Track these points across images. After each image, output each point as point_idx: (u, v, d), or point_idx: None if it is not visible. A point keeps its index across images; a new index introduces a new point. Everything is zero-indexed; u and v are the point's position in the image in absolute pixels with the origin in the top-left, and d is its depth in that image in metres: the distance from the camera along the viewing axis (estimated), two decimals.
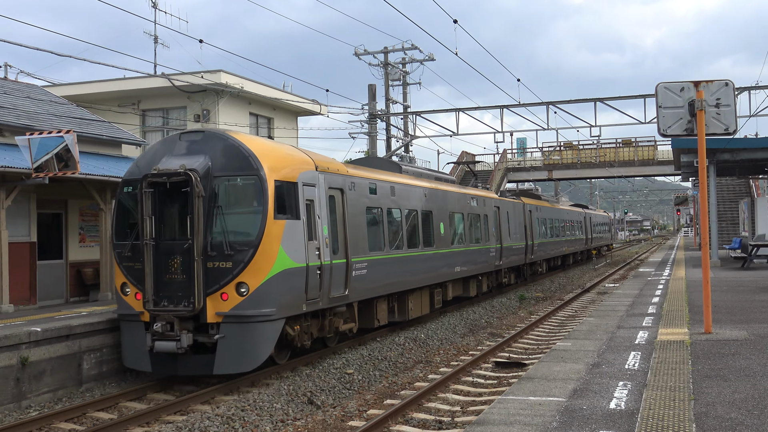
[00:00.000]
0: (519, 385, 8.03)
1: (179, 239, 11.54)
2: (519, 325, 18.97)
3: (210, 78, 26.93)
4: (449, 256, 19.68)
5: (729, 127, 11.03)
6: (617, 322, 12.94)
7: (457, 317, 19.81)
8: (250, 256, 11.19)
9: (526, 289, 28.56)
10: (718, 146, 25.79)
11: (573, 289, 28.54)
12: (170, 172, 11.45)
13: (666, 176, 60.36)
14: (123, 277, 11.92)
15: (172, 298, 11.43)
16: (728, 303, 15.06)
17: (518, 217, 28.24)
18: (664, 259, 36.08)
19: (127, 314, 11.87)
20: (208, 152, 11.71)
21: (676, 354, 9.44)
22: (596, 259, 44.79)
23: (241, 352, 11.19)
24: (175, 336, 11.24)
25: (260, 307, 11.25)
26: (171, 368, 11.60)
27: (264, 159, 11.70)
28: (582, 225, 45.46)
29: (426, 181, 19.05)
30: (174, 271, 11.46)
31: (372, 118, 32.80)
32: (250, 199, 11.50)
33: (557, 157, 52.56)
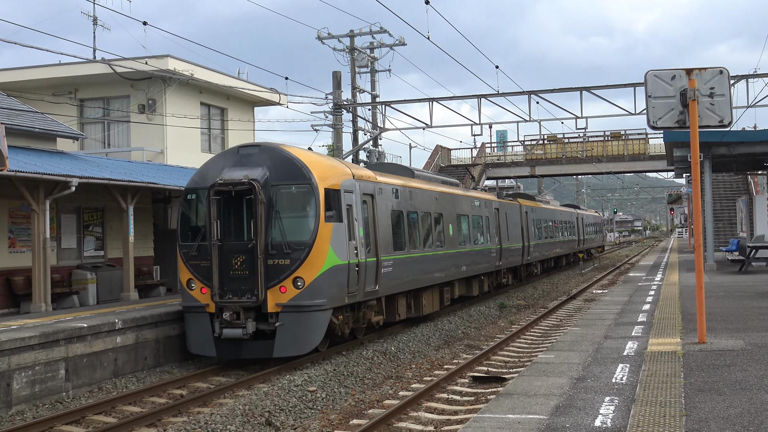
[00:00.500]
0: (497, 402, 8.08)
1: (242, 240, 14.67)
2: (498, 336, 19.09)
3: (156, 64, 26.70)
4: (457, 257, 22.86)
5: (724, 119, 11.20)
6: (604, 331, 13.07)
7: (431, 328, 19.88)
8: (305, 254, 14.41)
9: (507, 296, 28.76)
10: (714, 139, 26.19)
11: (558, 296, 28.80)
12: (235, 181, 14.57)
13: (658, 172, 61.08)
14: (189, 274, 15.00)
15: (236, 291, 14.57)
16: (724, 310, 15.29)
17: (515, 219, 31.60)
18: (656, 263, 36.53)
19: (193, 306, 14.98)
20: (265, 164, 14.86)
21: (667, 366, 9.56)
22: (583, 263, 45.24)
23: (297, 338, 14.39)
24: (241, 324, 14.38)
25: (314, 298, 14.44)
26: (235, 352, 14.75)
27: (314, 169, 14.89)
28: (574, 226, 48.62)
29: (436, 185, 22.40)
30: (237, 268, 14.58)
31: (337, 108, 32.78)
32: (304, 204, 14.69)
33: (540, 152, 53.00)
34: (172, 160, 27.30)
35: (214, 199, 14.72)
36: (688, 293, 18.54)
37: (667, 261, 37.68)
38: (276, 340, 14.47)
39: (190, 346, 15.20)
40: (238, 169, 14.93)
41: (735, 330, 12.48)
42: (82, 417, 11.89)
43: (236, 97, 31.10)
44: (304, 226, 14.62)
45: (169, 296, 21.72)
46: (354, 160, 35.59)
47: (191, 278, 15.03)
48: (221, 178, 14.78)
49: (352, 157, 35.48)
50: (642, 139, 52.51)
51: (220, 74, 29.77)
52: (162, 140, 27.47)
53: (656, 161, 51.34)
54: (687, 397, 7.89)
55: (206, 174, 15.37)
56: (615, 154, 52.55)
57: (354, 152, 35.02)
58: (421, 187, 20.60)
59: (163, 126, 27.22)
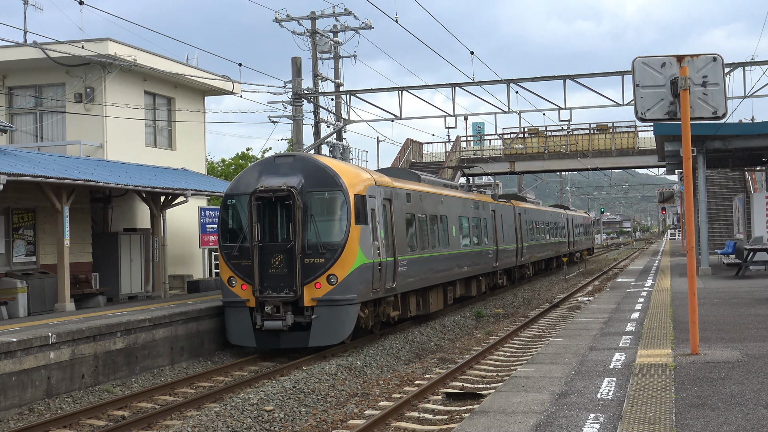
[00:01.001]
0: (471, 421, 8.11)
1: (280, 241, 17.83)
2: (475, 348, 19.16)
3: (94, 48, 26.45)
4: (459, 257, 25.90)
5: (717, 110, 11.33)
6: (589, 342, 13.18)
7: (400, 340, 19.92)
8: (338, 254, 17.56)
9: (484, 304, 28.90)
10: (708, 133, 26.51)
11: (540, 304, 28.98)
12: (275, 188, 17.75)
13: (648, 168, 61.75)
14: (230, 272, 18.04)
15: (275, 287, 17.66)
16: (719, 318, 15.48)
17: (509, 220, 34.61)
18: (647, 267, 36.90)
19: (234, 301, 17.99)
20: (300, 172, 18.01)
21: (657, 380, 9.66)
22: (567, 267, 45.65)
23: (331, 329, 17.54)
24: (281, 317, 17.47)
25: (346, 293, 17.54)
26: (274, 343, 17.86)
27: (344, 177, 18.08)
28: (564, 227, 51.53)
29: (440, 189, 25.61)
30: (276, 266, 17.68)
31: (297, 98, 32.70)
32: (336, 209, 17.89)
33: (520, 146, 53.34)
34: (113, 155, 27.06)
35: (255, 204, 17.87)
36: (681, 300, 18.74)
37: (658, 265, 38.08)
38: (311, 331, 17.63)
39: (230, 338, 18.37)
40: (275, 178, 18.10)
41: (731, 340, 12.64)
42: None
43: (185, 86, 30.91)
44: (336, 229, 17.90)
45: (109, 306, 21.53)
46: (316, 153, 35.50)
47: (232, 276, 18.14)
48: (261, 186, 17.94)
49: (314, 152, 35.43)
50: (631, 133, 53.04)
51: (166, 60, 29.56)
52: (101, 133, 27.22)
53: (646, 156, 51.89)
54: (678, 413, 7.97)
55: (244, 181, 18.47)
56: (602, 149, 53.06)
57: (316, 146, 34.97)
58: (428, 191, 23.91)
59: (102, 117, 26.98)
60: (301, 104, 33.05)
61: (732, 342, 12.42)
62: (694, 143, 26.72)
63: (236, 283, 18.07)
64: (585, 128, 54.60)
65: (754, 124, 30.66)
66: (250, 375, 16.52)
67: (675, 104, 11.28)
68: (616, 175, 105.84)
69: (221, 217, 18.72)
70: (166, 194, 24.31)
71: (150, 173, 25.55)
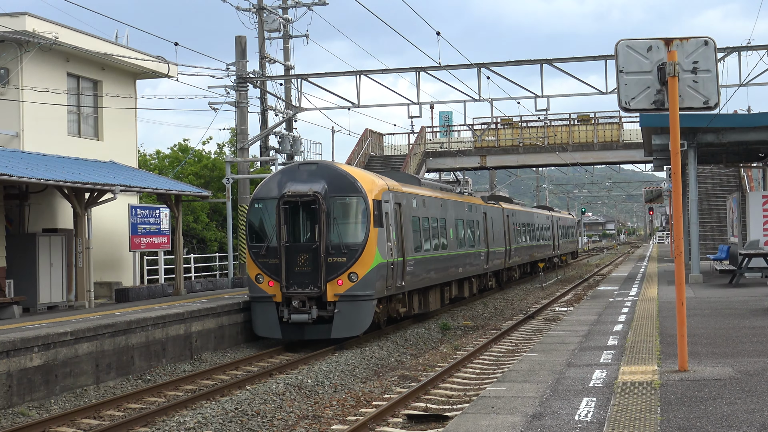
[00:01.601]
0: None
1: (305, 242, 21.70)
2: (440, 364, 19.21)
3: (9, 24, 26.11)
4: (456, 259, 29.83)
5: (709, 100, 11.47)
6: (567, 358, 13.27)
7: (356, 355, 19.92)
8: (359, 254, 21.42)
9: (451, 315, 29.00)
10: (699, 124, 26.82)
11: (513, 315, 29.14)
12: (301, 193, 21.54)
13: (634, 164, 62.38)
14: (257, 270, 21.81)
15: (300, 284, 21.46)
16: (710, 331, 15.66)
17: (499, 223, 38.27)
18: (632, 274, 37.24)
19: (261, 296, 21.79)
20: (323, 179, 21.83)
21: (641, 399, 9.75)
22: (543, 274, 45.99)
23: (351, 322, 21.36)
24: (307, 310, 21.28)
25: (365, 289, 21.43)
26: (299, 334, 21.71)
27: (364, 184, 21.97)
28: (549, 229, 54.89)
29: (438, 192, 29.66)
30: (302, 265, 21.49)
31: (241, 82, 32.57)
32: (357, 213, 21.76)
33: (492, 138, 53.60)
34: (30, 146, 26.74)
35: (283, 208, 21.57)
36: (669, 311, 18.94)
37: (644, 272, 38.44)
38: (334, 324, 21.30)
39: (257, 330, 22.16)
40: (301, 184, 21.86)
41: (723, 355, 12.80)
42: None
43: (113, 67, 30.63)
44: (357, 231, 21.71)
45: (26, 318, 21.27)
46: (263, 146, 35.40)
47: (260, 273, 21.83)
48: (289, 191, 21.66)
49: (261, 143, 35.31)
50: (615, 124, 53.47)
51: (92, 38, 29.26)
52: (17, 120, 26.88)
53: (632, 150, 52.37)
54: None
55: (270, 186, 22.32)
56: (583, 142, 53.47)
57: (263, 137, 34.88)
58: (431, 195, 27.98)
59: (18, 102, 26.64)
60: (246, 89, 32.91)
61: (724, 357, 12.58)
62: (684, 136, 27.01)
63: (263, 280, 21.89)
64: (564, 119, 54.99)
65: (751, 116, 31.02)
66: (187, 395, 16.42)
67: (662, 93, 11.40)
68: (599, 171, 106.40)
69: (249, 220, 22.68)
70: (91, 190, 24.07)
71: (73, 166, 25.28)
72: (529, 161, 55.82)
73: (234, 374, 18.73)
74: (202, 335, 21.23)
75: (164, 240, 29.44)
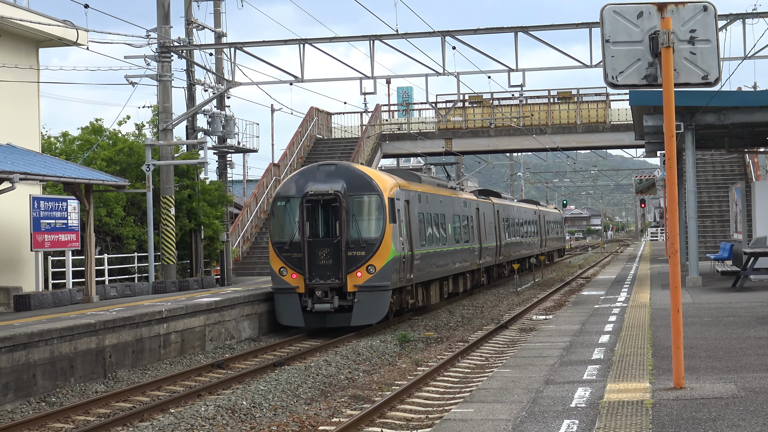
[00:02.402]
0: None
1: (327, 237, 27.15)
2: (399, 382, 19.24)
3: None
4: (454, 254, 35.70)
5: (709, 74, 11.55)
6: (546, 374, 13.33)
7: (300, 373, 19.88)
8: (376, 248, 26.80)
9: (411, 325, 29.06)
10: (698, 103, 27.06)
11: (483, 325, 29.26)
12: (323, 192, 27.01)
13: (623, 149, 62.85)
14: (281, 263, 27.23)
15: (322, 276, 26.88)
16: (711, 342, 15.82)
17: (490, 218, 44.00)
18: (621, 277, 37.53)
19: (284, 288, 27.20)
20: (342, 178, 27.31)
21: (630, 421, 9.81)
22: (519, 277, 46.25)
23: (370, 311, 26.76)
24: (329, 300, 26.64)
25: (382, 281, 26.82)
26: (321, 323, 27.13)
27: (379, 183, 27.48)
28: (536, 224, 60.68)
29: (437, 189, 35.50)
30: (323, 258, 26.88)
31: (164, 52, 32.35)
32: (374, 210, 27.26)
33: (459, 119, 53.71)
34: None
35: (306, 206, 27.12)
36: (663, 319, 19.11)
37: (635, 274, 38.74)
38: (353, 313, 26.76)
39: (281, 319, 27.64)
40: (321, 183, 27.34)
41: (724, 369, 12.93)
42: None
43: (10, 33, 30.24)
44: (375, 227, 27.26)
45: None
46: (190, 127, 35.16)
47: (283, 266, 27.25)
48: (311, 190, 27.17)
49: (187, 123, 35.10)
50: (602, 103, 53.88)
51: None
52: None
53: (620, 133, 52.73)
54: None
55: (291, 186, 27.90)
56: (564, 124, 53.81)
57: (189, 116, 34.68)
58: (433, 192, 33.98)
59: None
60: (169, 60, 32.70)
61: (726, 372, 12.70)
62: (680, 117, 27.24)
63: (287, 273, 27.20)
64: (543, 96, 55.28)
65: (757, 93, 31.39)
66: (99, 420, 16.28)
67: (655, 66, 11.46)
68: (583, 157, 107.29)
69: (272, 217, 28.42)
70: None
71: None
72: (501, 145, 56.03)
73: (155, 395, 18.62)
74: (118, 350, 21.09)
75: (72, 237, 29.14)
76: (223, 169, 37.36)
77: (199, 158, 34.49)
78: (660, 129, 27.88)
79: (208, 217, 35.31)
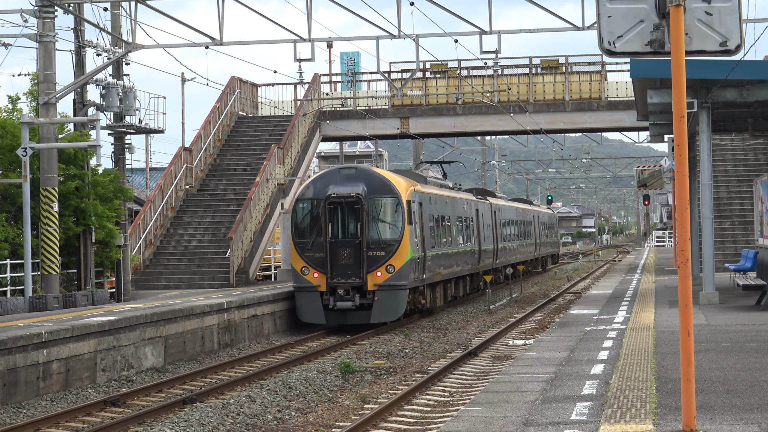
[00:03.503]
0: None
1: (348, 238, 35.28)
2: (340, 423, 19.22)
3: None
4: (457, 256, 44.07)
5: (729, 40, 11.61)
6: (524, 413, 13.33)
7: (217, 412, 19.77)
8: (396, 248, 34.93)
9: (357, 352, 29.02)
10: (715, 76, 27.20)
11: (447, 351, 29.27)
12: (345, 195, 34.95)
13: (622, 132, 63.13)
14: (303, 263, 35.07)
15: (343, 275, 34.89)
16: (729, 373, 15.88)
17: (488, 220, 52.10)
18: (619, 292, 37.65)
19: (306, 287, 35.09)
20: (363, 181, 35.38)
21: None
22: (491, 292, 46.33)
23: (389, 308, 34.97)
24: (351, 298, 34.67)
25: (401, 280, 34.91)
26: (341, 320, 35.08)
27: (398, 186, 35.72)
28: (531, 226, 69.72)
29: (443, 190, 43.87)
30: (345, 258, 34.81)
31: (46, 5, 32.10)
32: (394, 212, 35.52)
33: (418, 92, 53.64)
34: None
35: (329, 207, 34.58)
36: (670, 345, 19.18)
37: (636, 288, 38.87)
38: (373, 310, 34.28)
39: (302, 316, 35.40)
40: (343, 186, 34.96)
41: (746, 408, 12.98)
42: None
43: None
44: (394, 228, 35.09)
45: None
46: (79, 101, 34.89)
47: (305, 266, 34.79)
48: (334, 193, 34.67)
49: (75, 96, 34.84)
50: (596, 74, 54.02)
51: None
52: None
53: (619, 112, 52.91)
54: None
55: (314, 188, 35.54)
56: (549, 100, 53.94)
57: (78, 87, 34.44)
58: (440, 193, 42.32)
59: None
60: (52, 16, 32.48)
61: (748, 411, 12.76)
62: (693, 92, 27.37)
63: (308, 272, 34.84)
64: (523, 66, 55.37)
65: None
66: None
67: (662, 29, 11.50)
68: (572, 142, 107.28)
69: (295, 217, 36.21)
70: None
71: None
72: (471, 126, 55.98)
73: None
74: None
75: None
76: (121, 155, 37.14)
77: (90, 140, 34.10)
78: (668, 107, 28.03)
79: (100, 216, 35.02)
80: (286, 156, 48.32)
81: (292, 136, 49.60)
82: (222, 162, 49.39)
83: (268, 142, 49.21)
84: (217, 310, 30.66)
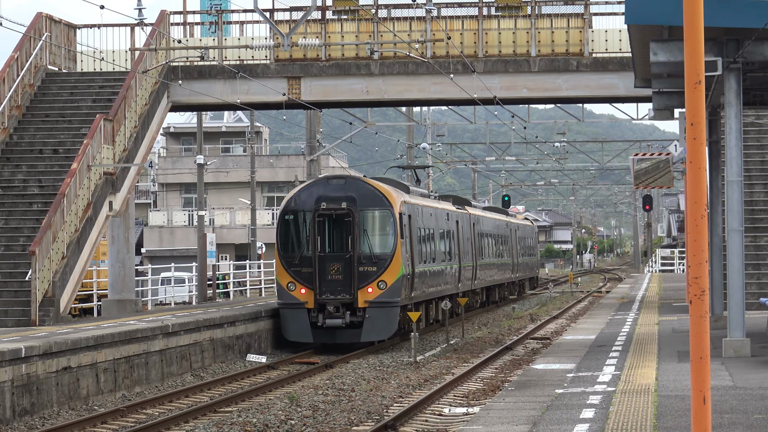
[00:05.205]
0: None
1: (338, 252, 52.14)
2: None
3: None
4: (441, 274, 59.53)
5: None
6: None
7: None
8: (388, 263, 51.03)
9: (219, 425, 28.92)
10: (749, 24, 27.37)
11: (353, 423, 29.25)
12: (335, 207, 51.08)
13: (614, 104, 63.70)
14: (289, 278, 50.98)
15: (332, 291, 51.16)
16: None
17: (467, 233, 66.36)
18: (605, 338, 38.01)
19: (292, 303, 51.29)
20: (353, 193, 51.74)
21: None
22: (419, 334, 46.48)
23: (380, 326, 51.64)
24: (340, 315, 50.86)
25: (392, 297, 51.49)
26: (330, 338, 51.64)
27: (390, 198, 52.25)
28: (509, 241, 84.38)
29: (426, 200, 59.71)
30: (334, 273, 51.03)
31: None
32: (386, 225, 52.14)
33: (315, 41, 53.68)
34: None
35: (318, 220, 48.71)
36: (678, 417, 19.31)
37: (630, 333, 39.25)
38: (363, 328, 48.43)
39: (288, 335, 49.51)
40: (332, 198, 48.67)
41: None
42: None
43: None
44: (386, 242, 49.51)
45: None
46: None
47: (291, 281, 48.47)
48: (323, 205, 48.42)
49: None
50: (576, 17, 54.34)
51: None
52: None
53: (610, 74, 53.45)
54: None
55: (301, 199, 49.50)
56: (508, 55, 54.27)
57: None
58: (426, 205, 55.63)
59: None
60: None
61: None
62: (717, 47, 27.59)
63: (295, 288, 46.01)
64: (470, 4, 55.62)
65: None
66: None
67: None
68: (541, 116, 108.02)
69: (281, 230, 47.66)
70: None
71: None
72: (391, 92, 56.20)
73: None
74: None
75: None
76: None
77: None
78: (679, 69, 28.09)
79: None
80: (118, 132, 48.14)
81: (127, 102, 49.43)
82: (22, 140, 49.34)
83: (91, 111, 49.05)
84: (11, 359, 30.03)
